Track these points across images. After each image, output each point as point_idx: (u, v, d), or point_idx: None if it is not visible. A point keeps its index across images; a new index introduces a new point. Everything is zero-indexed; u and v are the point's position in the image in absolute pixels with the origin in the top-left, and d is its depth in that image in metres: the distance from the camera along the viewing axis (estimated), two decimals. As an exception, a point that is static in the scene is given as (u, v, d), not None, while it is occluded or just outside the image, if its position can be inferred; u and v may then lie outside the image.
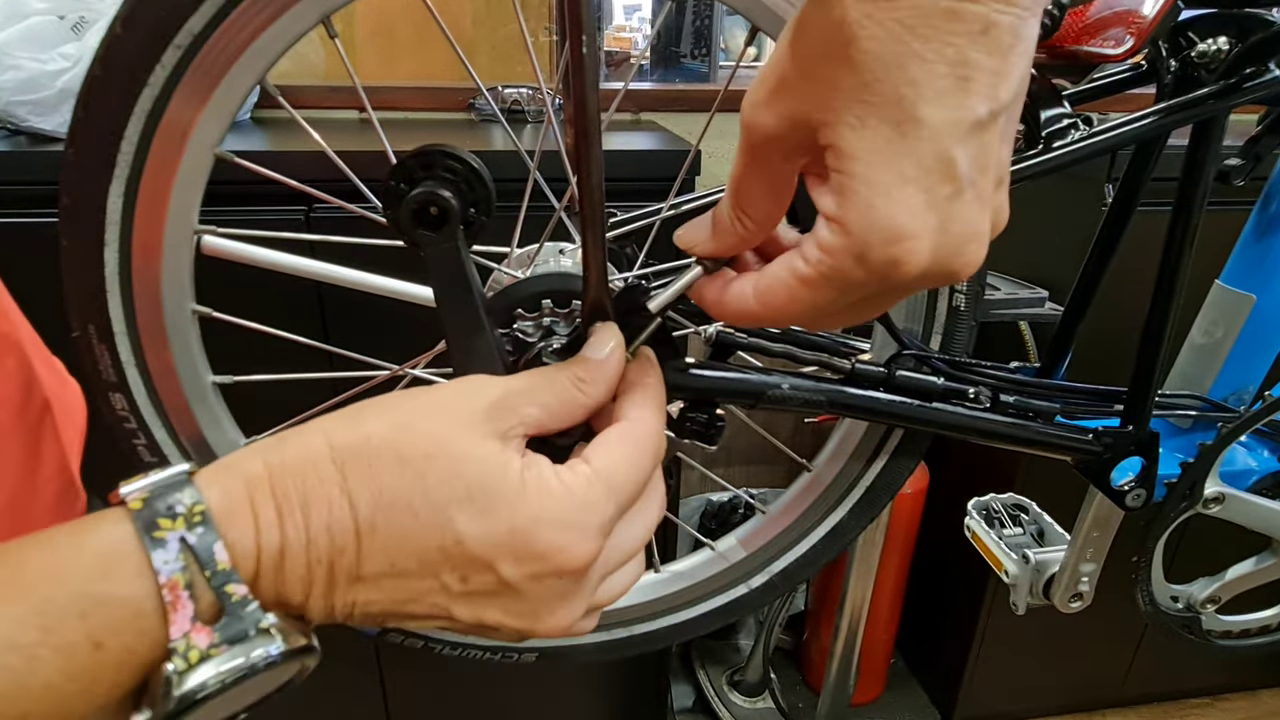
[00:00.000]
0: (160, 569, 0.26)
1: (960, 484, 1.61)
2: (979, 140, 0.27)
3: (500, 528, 0.29)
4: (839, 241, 0.28)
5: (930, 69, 0.25)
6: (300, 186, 0.51)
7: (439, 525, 0.29)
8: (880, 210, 0.27)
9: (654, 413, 0.35)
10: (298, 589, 0.29)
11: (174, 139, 0.44)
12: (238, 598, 0.27)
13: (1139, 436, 0.59)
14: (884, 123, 0.26)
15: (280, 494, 0.29)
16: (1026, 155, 0.49)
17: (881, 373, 0.52)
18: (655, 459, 0.34)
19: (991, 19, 0.25)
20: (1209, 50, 0.49)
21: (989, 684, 1.70)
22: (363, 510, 0.29)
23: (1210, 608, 0.72)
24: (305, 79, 1.54)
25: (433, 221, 0.39)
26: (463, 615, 0.30)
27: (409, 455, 0.30)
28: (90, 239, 0.45)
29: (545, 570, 0.30)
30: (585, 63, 0.32)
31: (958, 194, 0.27)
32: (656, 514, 0.36)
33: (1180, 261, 0.55)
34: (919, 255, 0.27)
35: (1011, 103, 0.27)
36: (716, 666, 1.84)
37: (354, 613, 0.30)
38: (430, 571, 0.29)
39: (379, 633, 0.60)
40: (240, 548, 0.28)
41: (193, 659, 0.26)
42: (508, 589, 0.30)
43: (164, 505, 0.27)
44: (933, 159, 0.26)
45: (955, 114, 0.26)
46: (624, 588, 0.36)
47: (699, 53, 1.80)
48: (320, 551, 0.28)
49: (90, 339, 0.48)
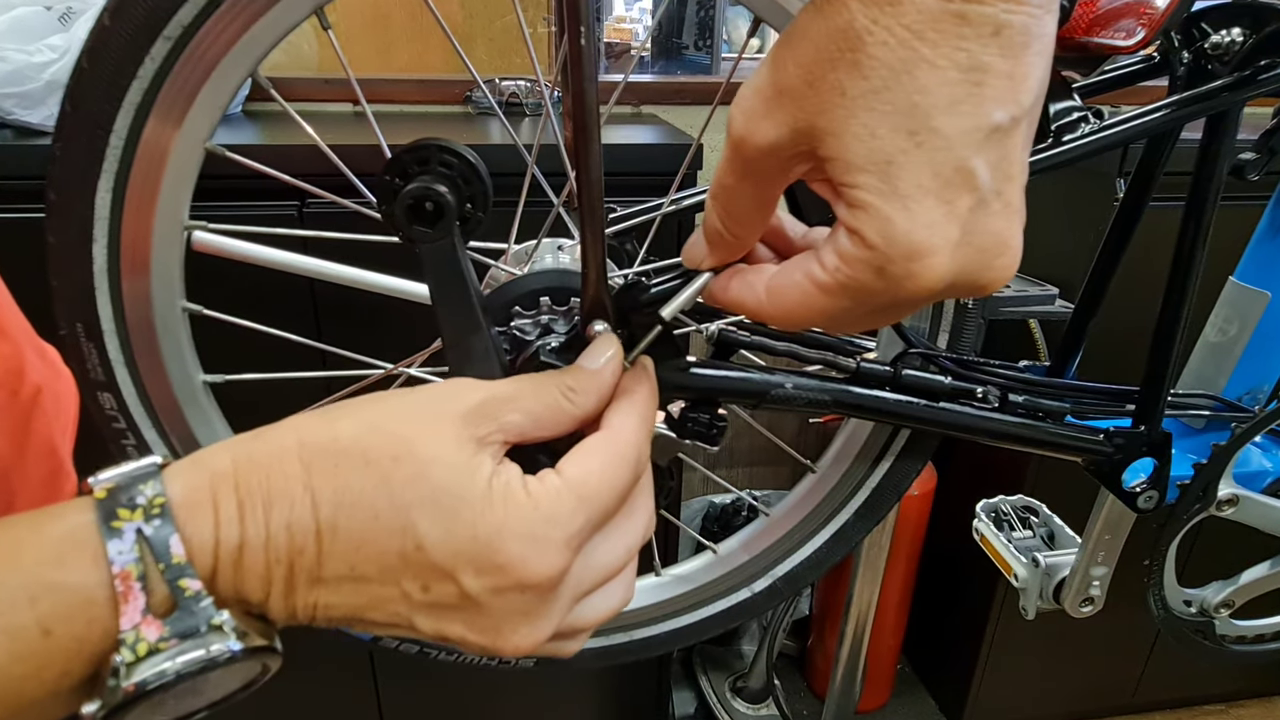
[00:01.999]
0: (114, 559, 0.26)
1: (968, 486, 1.61)
2: (1000, 147, 0.26)
3: (462, 534, 0.29)
4: (859, 254, 0.27)
5: (941, 75, 0.25)
6: (293, 181, 0.51)
7: (400, 529, 0.29)
8: (899, 225, 0.26)
9: (636, 422, 0.35)
10: (257, 587, 0.29)
11: (164, 133, 0.44)
12: (191, 592, 0.27)
13: (1151, 437, 0.59)
14: (896, 132, 0.26)
15: (244, 489, 0.29)
16: (1036, 149, 0.49)
17: (887, 372, 0.52)
18: (634, 471, 0.33)
19: (1002, 20, 0.25)
20: (1222, 42, 0.49)
21: (998, 690, 1.70)
22: (324, 510, 0.29)
23: (1224, 612, 0.72)
24: (298, 71, 1.54)
25: (428, 217, 0.39)
26: (424, 627, 0.30)
27: (375, 457, 0.29)
28: (78, 235, 0.45)
29: (506, 584, 0.29)
30: (584, 54, 0.32)
31: (981, 205, 0.27)
32: (641, 530, 0.35)
33: (1193, 258, 0.55)
34: (940, 270, 0.27)
35: (1033, 105, 0.26)
36: (719, 673, 1.84)
37: (316, 615, 0.30)
38: (391, 578, 0.29)
39: (373, 638, 0.60)
40: (197, 542, 0.28)
41: (141, 651, 0.26)
42: (469, 602, 0.30)
43: (126, 496, 0.27)
44: (951, 169, 0.26)
45: (971, 121, 0.26)
46: (608, 609, 0.35)
47: (701, 44, 1.80)
48: (279, 550, 0.28)
49: (78, 337, 0.48)
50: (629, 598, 0.36)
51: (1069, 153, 0.48)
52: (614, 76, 1.71)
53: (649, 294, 0.39)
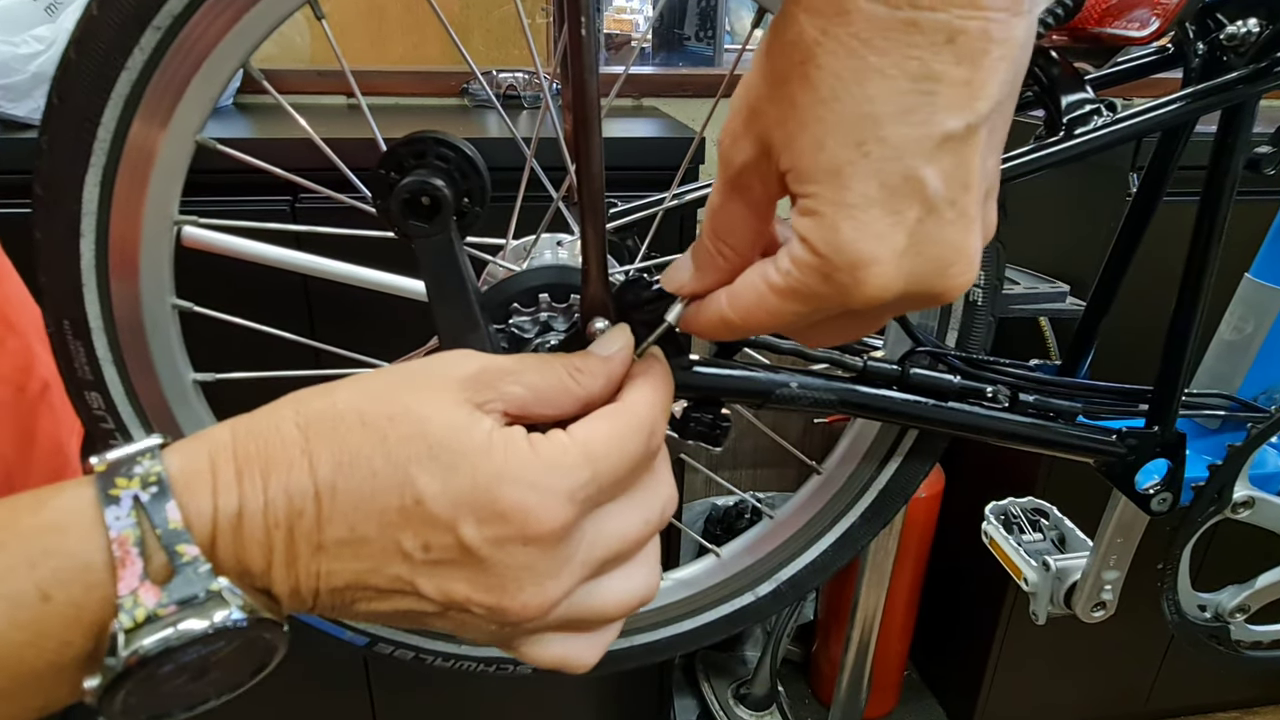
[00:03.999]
0: (111, 525, 0.27)
1: (977, 488, 1.61)
2: (954, 156, 0.26)
3: (461, 484, 0.29)
4: (808, 260, 0.28)
5: (891, 84, 0.25)
6: (285, 175, 0.51)
7: (399, 484, 0.29)
8: (844, 234, 0.27)
9: (650, 395, 0.35)
10: (258, 555, 0.29)
11: (153, 126, 0.44)
12: (188, 558, 0.27)
13: (1165, 438, 0.59)
14: (843, 143, 0.26)
15: (242, 457, 0.29)
16: (1047, 142, 0.48)
17: (895, 371, 0.52)
18: (646, 441, 0.33)
19: (956, 26, 0.25)
20: (1238, 33, 0.49)
21: (1007, 697, 1.70)
22: (322, 471, 0.29)
23: (1239, 617, 0.72)
24: (291, 63, 1.54)
25: (424, 212, 0.39)
26: (428, 589, 0.30)
27: (372, 418, 0.30)
28: (65, 231, 0.45)
29: (508, 534, 0.29)
30: (584, 45, 0.32)
31: (931, 214, 0.27)
32: (660, 506, 0.35)
33: (1208, 254, 0.55)
34: (885, 279, 0.27)
35: (993, 111, 0.27)
36: (721, 679, 1.84)
37: (319, 587, 0.30)
38: (391, 537, 0.29)
39: (368, 643, 0.60)
40: (194, 508, 0.28)
41: (139, 617, 0.27)
42: (471, 556, 0.29)
43: (125, 468, 0.28)
44: (898, 179, 0.26)
45: (922, 130, 0.26)
46: (629, 594, 0.34)
47: (703, 35, 1.80)
48: (279, 514, 0.29)
49: (65, 335, 0.48)
50: (652, 585, 0.35)
51: (1081, 146, 0.48)
52: (614, 68, 1.71)
53: (651, 291, 0.39)
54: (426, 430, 0.30)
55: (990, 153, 0.28)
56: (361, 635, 0.60)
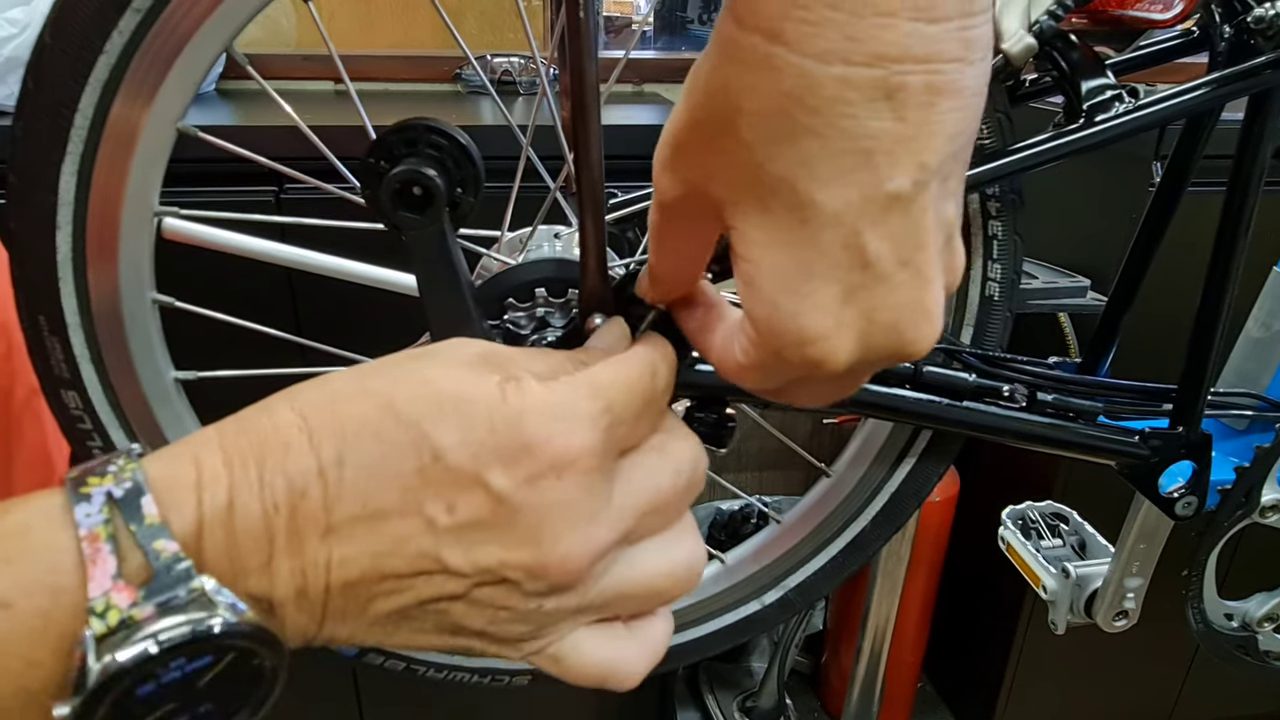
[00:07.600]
0: (81, 522, 0.25)
1: (994, 491, 1.61)
2: (903, 216, 0.25)
3: (480, 431, 0.28)
4: (755, 338, 0.28)
5: (824, 144, 0.24)
6: (270, 164, 0.51)
7: (413, 443, 0.28)
8: (785, 309, 0.26)
9: (651, 349, 0.34)
10: (254, 549, 0.27)
11: (133, 112, 0.44)
12: (167, 555, 0.25)
13: (1190, 439, 0.59)
14: (783, 209, 0.25)
15: (231, 448, 0.28)
16: (1067, 130, 0.49)
17: (908, 369, 0.52)
18: (650, 377, 0.33)
19: (895, 83, 0.23)
20: (1266, 15, 0.49)
21: (1025, 709, 1.70)
22: (326, 446, 0.28)
23: (1268, 626, 0.72)
24: (276, 47, 1.54)
25: (416, 202, 0.39)
26: (455, 560, 0.29)
27: (374, 387, 0.29)
28: (40, 222, 0.46)
29: (539, 468, 0.28)
30: (583, 29, 0.32)
31: (880, 280, 0.26)
32: (687, 459, 0.34)
33: (1234, 246, 0.55)
34: (839, 353, 0.27)
35: (944, 163, 0.25)
36: (727, 691, 1.84)
37: (330, 582, 0.28)
38: (412, 504, 0.28)
39: (357, 654, 0.60)
40: (175, 502, 0.26)
41: (112, 621, 0.25)
42: (502, 507, 0.28)
43: (99, 468, 0.27)
44: (838, 247, 0.25)
45: (861, 192, 0.25)
46: (670, 567, 0.33)
47: (706, 18, 1.80)
48: (277, 496, 0.27)
49: (41, 331, 0.48)
50: (698, 557, 0.34)
51: (1102, 134, 0.48)
52: (614, 53, 1.71)
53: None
54: (435, 388, 0.29)
55: (946, 200, 0.27)
56: (350, 645, 0.60)
